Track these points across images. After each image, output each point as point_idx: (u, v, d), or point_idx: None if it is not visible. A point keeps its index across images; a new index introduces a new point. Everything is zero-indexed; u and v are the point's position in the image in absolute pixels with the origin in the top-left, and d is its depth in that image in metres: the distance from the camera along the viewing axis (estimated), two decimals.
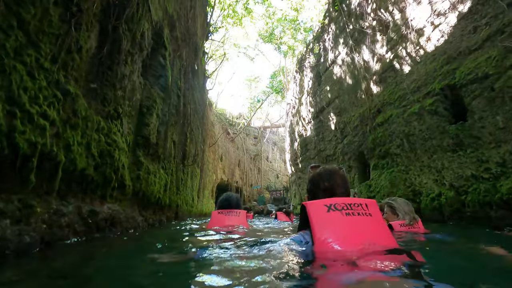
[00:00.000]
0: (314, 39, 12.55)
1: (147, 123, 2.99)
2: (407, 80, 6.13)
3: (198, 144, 9.66)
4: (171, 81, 3.89)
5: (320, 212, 1.22)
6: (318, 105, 11.58)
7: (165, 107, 3.55)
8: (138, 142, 2.87)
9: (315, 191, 1.49)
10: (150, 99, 3.06)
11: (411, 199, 5.87)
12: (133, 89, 2.58)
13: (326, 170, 1.55)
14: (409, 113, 5.92)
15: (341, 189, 1.45)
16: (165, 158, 4.03)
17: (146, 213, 3.17)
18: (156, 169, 3.49)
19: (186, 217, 7.12)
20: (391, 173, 6.60)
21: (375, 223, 1.24)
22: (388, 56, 6.95)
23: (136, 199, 2.83)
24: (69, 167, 1.62)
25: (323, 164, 11.04)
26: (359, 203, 1.28)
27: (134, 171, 2.73)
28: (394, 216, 2.95)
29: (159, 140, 3.52)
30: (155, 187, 3.41)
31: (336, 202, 1.25)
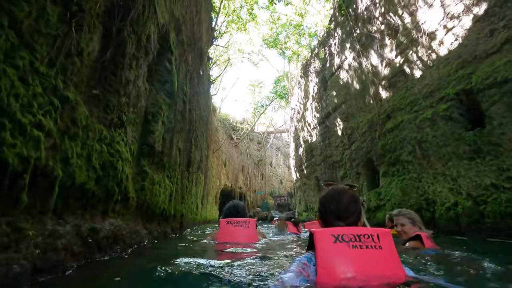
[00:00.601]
0: (319, 44, 12.44)
1: (152, 130, 2.83)
2: (419, 85, 5.94)
3: (203, 150, 9.51)
4: (177, 86, 3.75)
5: (326, 242, 1.19)
6: (324, 111, 11.41)
7: (171, 113, 3.40)
8: (143, 151, 2.71)
9: (323, 212, 1.46)
10: (156, 105, 2.91)
11: (424, 208, 5.65)
12: (138, 95, 2.43)
13: (334, 191, 1.50)
14: (422, 118, 5.72)
15: (347, 212, 1.39)
16: (170, 167, 3.87)
17: (150, 226, 3.00)
18: (161, 178, 3.32)
19: (190, 226, 6.93)
20: (402, 180, 6.37)
21: (384, 256, 1.17)
22: (397, 60, 6.78)
23: (140, 212, 2.66)
24: (67, 182, 1.46)
25: (327, 169, 10.84)
26: (370, 234, 1.23)
27: (138, 182, 2.56)
28: (414, 227, 2.81)
29: (164, 148, 3.36)
30: (160, 197, 3.24)
31: (344, 233, 1.21)
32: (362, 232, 1.23)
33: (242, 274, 1.45)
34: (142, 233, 2.57)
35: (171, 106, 3.37)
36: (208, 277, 1.34)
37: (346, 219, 1.37)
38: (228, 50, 17.72)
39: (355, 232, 1.22)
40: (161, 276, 1.37)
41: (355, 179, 8.77)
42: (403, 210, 3.03)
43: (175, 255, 1.74)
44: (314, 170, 12.52)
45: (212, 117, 15.61)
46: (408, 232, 2.79)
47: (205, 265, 1.47)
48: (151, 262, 1.79)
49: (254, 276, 1.42)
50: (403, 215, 2.94)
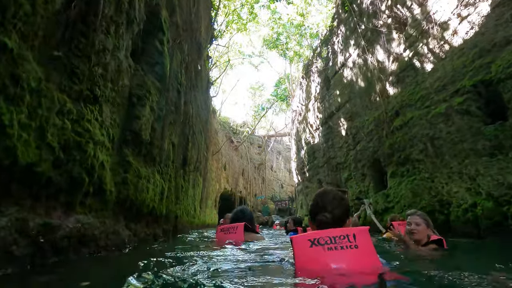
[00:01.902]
0: (321, 43, 12.13)
1: (138, 115, 2.45)
2: (430, 79, 5.58)
3: (201, 150, 9.13)
4: (170, 72, 3.39)
5: (303, 247, 1.26)
6: (326, 111, 11.04)
7: (162, 100, 3.03)
8: (126, 138, 2.33)
9: (311, 208, 1.57)
10: (143, 88, 2.54)
11: (438, 210, 5.24)
12: (119, 71, 2.07)
13: (322, 190, 1.61)
14: (434, 114, 5.34)
15: (332, 205, 1.45)
16: (162, 162, 3.48)
17: (136, 226, 2.60)
18: (149, 173, 2.93)
19: (187, 229, 6.50)
20: (413, 181, 5.96)
21: (360, 254, 1.22)
22: (406, 54, 6.43)
23: (122, 209, 2.27)
24: (3, 158, 1.08)
25: (330, 171, 10.40)
26: (346, 234, 1.27)
27: (118, 174, 2.18)
28: (427, 230, 2.78)
29: (154, 139, 2.98)
30: (148, 194, 2.85)
31: (320, 236, 1.27)
32: (338, 233, 1.27)
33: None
34: (123, 234, 2.17)
35: (162, 92, 3.01)
36: None
37: (331, 211, 1.43)
38: (229, 51, 17.47)
39: (331, 234, 1.27)
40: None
41: (361, 180, 8.37)
42: (420, 211, 3.00)
43: (145, 266, 1.33)
44: (316, 173, 12.11)
45: (212, 119, 15.27)
46: (421, 232, 2.76)
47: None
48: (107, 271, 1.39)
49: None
50: (419, 215, 2.89)
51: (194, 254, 1.90)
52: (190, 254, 1.95)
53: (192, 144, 6.17)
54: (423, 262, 2.16)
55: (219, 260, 1.66)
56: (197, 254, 1.89)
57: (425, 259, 2.35)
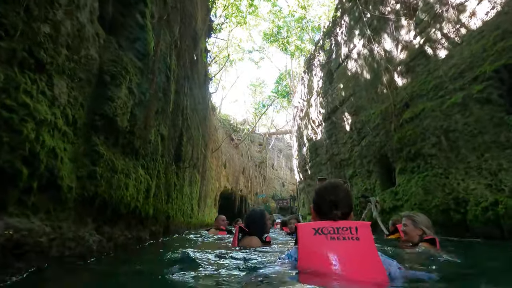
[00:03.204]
0: (324, 35, 11.68)
1: (111, 97, 2.03)
2: (444, 66, 5.13)
3: (199, 147, 8.71)
4: (156, 54, 2.97)
5: (307, 234, 1.33)
6: (329, 105, 10.61)
7: (144, 82, 2.61)
8: (96, 123, 1.91)
9: (320, 203, 1.53)
10: (118, 64, 2.12)
11: (453, 209, 4.81)
12: (80, 37, 1.65)
13: (331, 183, 1.59)
14: (449, 104, 4.90)
15: (343, 203, 1.47)
16: (148, 155, 3.06)
17: (111, 230, 2.19)
18: (130, 167, 2.52)
19: (182, 230, 6.09)
20: (425, 177, 5.52)
21: (360, 246, 1.28)
22: (416, 41, 5.98)
23: (90, 209, 1.86)
24: None
25: (333, 168, 9.97)
26: (349, 226, 1.33)
27: (84, 166, 1.77)
28: (415, 229, 2.89)
29: (136, 128, 2.56)
30: (128, 191, 2.43)
31: (324, 226, 1.34)
32: (341, 225, 1.34)
33: None
34: (90, 240, 1.77)
35: (144, 72, 2.59)
36: None
37: (342, 208, 1.44)
38: (228, 46, 17.04)
39: (334, 225, 1.34)
40: None
41: (366, 178, 7.94)
42: (412, 213, 3.13)
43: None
44: (319, 170, 11.68)
45: (211, 115, 14.85)
46: (410, 233, 2.90)
47: None
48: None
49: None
50: (407, 216, 3.03)
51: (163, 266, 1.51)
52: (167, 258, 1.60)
53: (188, 139, 5.75)
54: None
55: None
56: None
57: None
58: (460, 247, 4.17)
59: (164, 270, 1.38)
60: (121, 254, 2.21)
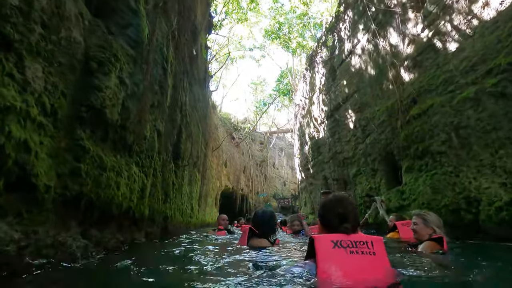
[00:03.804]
0: (326, 31, 11.44)
1: (99, 86, 1.82)
2: (455, 60, 4.91)
3: (199, 145, 8.51)
4: (151, 43, 2.77)
5: (326, 247, 1.30)
6: (332, 103, 10.39)
7: (137, 72, 2.40)
8: (81, 115, 1.71)
9: (328, 216, 1.53)
10: (107, 50, 1.92)
11: (464, 209, 4.60)
12: (59, 15, 1.45)
13: (337, 197, 1.59)
14: (460, 99, 4.68)
15: (352, 216, 1.48)
16: (143, 152, 2.86)
17: (99, 233, 1.99)
18: (121, 164, 2.31)
19: (181, 230, 5.89)
20: (433, 176, 5.30)
21: (377, 262, 1.29)
22: (424, 35, 5.76)
23: (73, 211, 1.66)
24: None
25: (336, 167, 9.70)
26: (365, 241, 1.34)
27: (66, 163, 1.57)
28: (426, 228, 2.82)
29: (128, 122, 2.35)
30: (119, 191, 2.23)
31: (342, 239, 1.32)
32: (358, 239, 1.34)
33: None
34: (73, 245, 1.57)
35: (137, 62, 2.38)
36: None
37: (352, 221, 1.45)
38: (228, 43, 16.81)
39: (352, 239, 1.33)
40: None
41: (371, 176, 7.72)
42: (423, 211, 3.04)
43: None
44: (321, 169, 11.46)
45: (212, 113, 14.64)
46: (420, 232, 2.84)
47: None
48: None
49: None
50: (418, 214, 2.96)
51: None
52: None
53: (187, 136, 5.54)
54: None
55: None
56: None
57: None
58: (471, 249, 3.97)
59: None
60: (112, 258, 2.01)
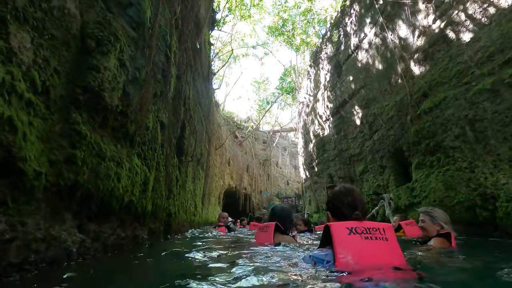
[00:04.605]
0: (331, 26, 11.24)
1: (97, 66, 1.66)
2: (470, 50, 4.71)
3: (202, 142, 8.35)
4: (154, 27, 2.61)
5: (342, 234, 1.34)
6: (338, 99, 10.19)
7: (139, 57, 2.24)
8: (77, 97, 1.55)
9: (339, 205, 1.57)
10: (106, 28, 1.75)
11: (479, 206, 4.40)
12: None
13: (345, 187, 1.64)
14: (475, 91, 4.48)
15: (361, 204, 1.54)
16: (145, 143, 2.70)
17: (98, 228, 1.83)
18: (122, 154, 2.15)
19: (185, 228, 5.74)
20: (446, 172, 5.10)
21: (390, 246, 1.34)
22: (436, 26, 5.55)
23: (67, 202, 1.50)
24: None
25: (342, 165, 9.48)
26: (377, 227, 1.39)
27: (60, 149, 1.41)
28: (433, 225, 2.84)
29: (130, 110, 2.19)
30: (120, 183, 2.07)
31: (357, 226, 1.37)
32: (371, 225, 1.39)
33: None
34: (68, 240, 1.41)
35: (138, 45, 2.22)
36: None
37: (361, 208, 1.53)
38: (232, 40, 16.64)
39: (365, 226, 1.38)
40: None
41: (379, 173, 7.52)
42: (429, 208, 3.04)
43: None
44: (327, 167, 11.26)
45: (215, 111, 14.49)
46: (428, 229, 2.86)
47: None
48: None
49: None
50: (424, 211, 2.97)
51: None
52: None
53: (191, 131, 5.39)
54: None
55: None
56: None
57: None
58: (488, 247, 3.78)
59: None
60: (111, 258, 1.84)
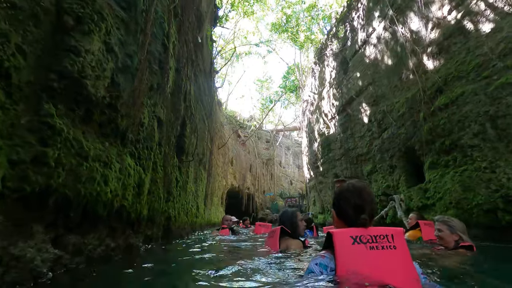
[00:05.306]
0: (337, 22, 10.91)
1: (76, 48, 1.38)
2: (490, 42, 4.38)
3: (204, 141, 8.07)
4: (150, 14, 2.33)
5: (345, 243, 1.26)
6: (344, 97, 9.87)
7: (132, 42, 1.96)
8: (51, 84, 1.28)
9: (344, 206, 1.45)
10: (88, 5, 1.47)
11: (501, 209, 4.08)
12: None
13: (355, 186, 1.47)
14: (498, 85, 4.16)
15: (369, 207, 1.40)
16: (139, 141, 2.42)
17: (80, 239, 1.55)
18: (111, 154, 1.87)
19: (186, 232, 5.47)
20: (463, 172, 4.78)
21: (398, 256, 1.25)
22: (452, 17, 5.22)
23: (37, 211, 1.23)
24: None
25: (349, 164, 9.19)
26: (385, 234, 1.29)
27: (26, 146, 1.15)
28: (451, 235, 2.81)
29: (120, 103, 1.92)
30: (108, 186, 1.79)
31: (362, 234, 1.27)
32: (378, 232, 1.28)
33: None
34: (38, 259, 1.13)
35: (130, 29, 1.94)
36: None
37: (369, 213, 1.38)
38: (234, 38, 16.37)
39: (371, 233, 1.27)
40: None
41: (388, 174, 7.20)
42: (446, 217, 3.02)
43: None
44: (332, 166, 10.95)
45: (217, 110, 14.23)
46: (446, 239, 2.83)
47: None
48: None
49: None
50: (442, 221, 2.94)
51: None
52: None
53: (192, 130, 5.11)
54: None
55: None
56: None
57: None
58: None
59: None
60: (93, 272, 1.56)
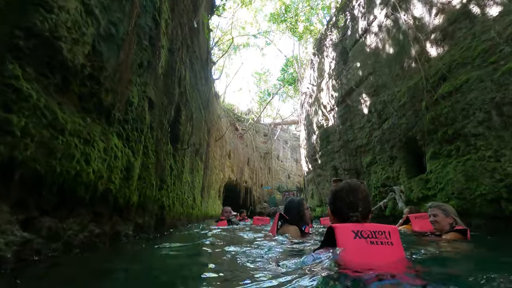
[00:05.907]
0: (337, 11, 10.67)
1: (47, 3, 1.21)
2: (498, 26, 4.21)
3: (200, 131, 7.89)
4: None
5: (347, 238, 1.31)
6: (344, 88, 9.69)
7: (116, 9, 1.76)
8: (16, 41, 1.10)
9: (338, 205, 1.55)
10: None
11: (505, 199, 3.97)
12: None
13: (349, 185, 1.58)
14: (505, 70, 4.01)
15: (363, 205, 1.49)
16: (128, 121, 2.24)
17: (58, 223, 1.39)
18: (93, 131, 1.70)
19: (182, 222, 5.32)
20: (466, 162, 4.65)
21: (395, 251, 1.32)
22: (457, 1, 5.04)
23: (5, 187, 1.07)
24: None
25: (348, 156, 9.02)
26: (383, 230, 1.36)
27: None
28: (446, 218, 2.86)
29: (104, 76, 1.73)
30: (90, 165, 1.63)
31: (363, 229, 1.34)
32: (377, 229, 1.36)
33: None
34: (0, 241, 0.98)
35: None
36: None
37: (362, 210, 1.47)
38: (232, 29, 16.05)
39: (371, 229, 1.35)
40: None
41: (388, 165, 7.08)
42: (438, 202, 3.10)
43: None
44: (331, 159, 10.83)
45: (214, 101, 14.00)
46: (441, 223, 2.87)
47: None
48: None
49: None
50: (436, 206, 2.99)
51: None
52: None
53: (187, 117, 4.92)
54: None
55: None
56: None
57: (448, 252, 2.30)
58: None
59: None
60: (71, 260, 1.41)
